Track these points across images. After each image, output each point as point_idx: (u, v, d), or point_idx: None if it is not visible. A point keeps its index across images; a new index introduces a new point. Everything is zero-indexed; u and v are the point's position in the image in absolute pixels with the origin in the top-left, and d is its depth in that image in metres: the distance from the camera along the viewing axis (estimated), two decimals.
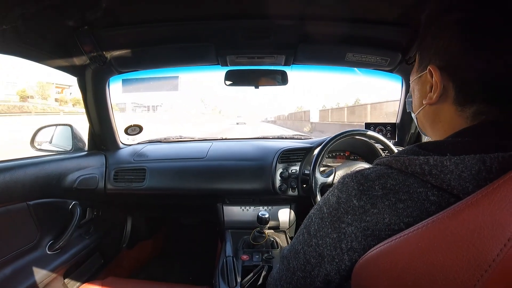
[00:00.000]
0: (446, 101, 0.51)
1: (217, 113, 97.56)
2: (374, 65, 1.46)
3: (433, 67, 0.50)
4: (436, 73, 0.50)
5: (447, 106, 0.51)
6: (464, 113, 0.49)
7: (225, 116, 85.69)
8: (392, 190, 0.45)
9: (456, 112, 0.50)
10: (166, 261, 2.19)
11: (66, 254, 1.35)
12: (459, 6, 0.48)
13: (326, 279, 0.52)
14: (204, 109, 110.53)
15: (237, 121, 46.49)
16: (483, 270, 0.30)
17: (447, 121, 0.52)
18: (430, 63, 0.52)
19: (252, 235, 1.40)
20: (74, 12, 1.04)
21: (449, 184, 0.40)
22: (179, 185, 1.57)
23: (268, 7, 1.09)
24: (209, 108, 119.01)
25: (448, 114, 0.51)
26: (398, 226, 0.44)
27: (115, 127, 1.70)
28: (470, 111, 0.48)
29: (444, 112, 0.52)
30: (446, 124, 0.52)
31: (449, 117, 0.51)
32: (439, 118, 0.53)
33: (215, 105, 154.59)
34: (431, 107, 0.54)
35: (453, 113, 0.50)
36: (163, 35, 1.30)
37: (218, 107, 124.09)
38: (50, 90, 50.75)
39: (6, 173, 1.07)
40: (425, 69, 0.53)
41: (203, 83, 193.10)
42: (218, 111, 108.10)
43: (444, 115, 0.52)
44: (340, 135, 1.35)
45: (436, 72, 0.50)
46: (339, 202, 0.50)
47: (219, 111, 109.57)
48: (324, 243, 0.51)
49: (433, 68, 0.50)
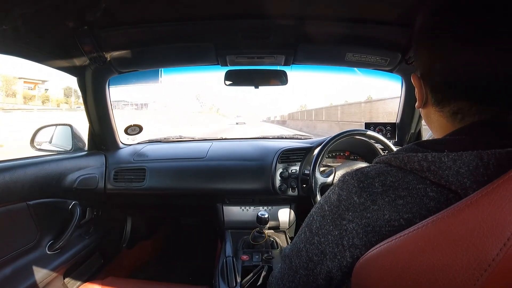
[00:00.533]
0: (428, 104, 0.55)
1: (214, 112, 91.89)
2: (374, 65, 1.47)
3: (413, 76, 0.56)
4: (415, 81, 0.56)
5: (430, 107, 0.55)
6: (443, 112, 0.52)
7: (224, 116, 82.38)
8: (392, 186, 0.46)
9: (438, 112, 0.53)
10: (166, 261, 2.18)
11: (66, 254, 1.35)
12: (422, 13, 0.53)
13: (328, 276, 0.53)
14: (200, 108, 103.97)
15: (236, 121, 44.53)
16: (483, 269, 0.30)
17: (435, 121, 0.55)
18: (412, 74, 0.57)
19: (252, 235, 1.40)
20: (74, 12, 1.04)
21: (447, 180, 0.41)
22: (179, 185, 1.57)
23: (267, 7, 1.09)
24: (206, 106, 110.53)
25: (433, 115, 0.55)
26: (398, 222, 0.44)
27: (115, 127, 1.70)
28: (446, 110, 0.51)
29: (431, 113, 0.55)
30: (435, 124, 0.55)
31: (435, 117, 0.54)
32: (430, 120, 0.57)
33: (212, 103, 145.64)
34: (423, 110, 0.58)
35: (437, 113, 0.54)
36: (162, 35, 1.30)
37: (215, 106, 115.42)
38: (16, 85, 44.81)
39: (6, 173, 1.07)
40: (415, 76, 0.57)
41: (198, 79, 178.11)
42: (215, 110, 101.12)
43: (432, 116, 0.56)
44: (340, 135, 1.36)
45: (415, 79, 0.56)
46: (340, 200, 0.51)
47: (217, 110, 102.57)
48: (326, 240, 0.52)
49: (413, 77, 0.56)
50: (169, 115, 38.74)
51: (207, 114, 75.22)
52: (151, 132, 6.44)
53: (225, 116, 79.97)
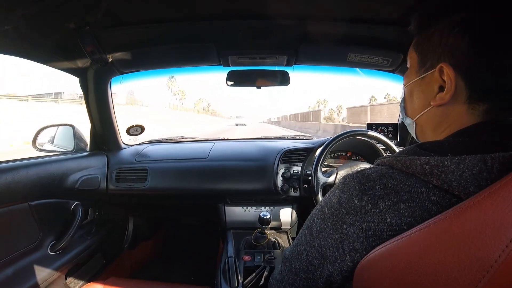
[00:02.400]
0: (457, 101, 0.49)
1: (202, 109, 77.99)
2: (376, 65, 1.46)
3: (447, 65, 0.48)
4: (451, 71, 0.48)
5: (458, 105, 0.49)
6: (475, 111, 0.48)
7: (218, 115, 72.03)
8: (393, 190, 0.45)
9: (467, 111, 0.49)
10: (168, 262, 2.18)
11: (68, 255, 1.35)
12: (465, 6, 0.48)
13: (328, 280, 0.52)
14: (178, 102, 71.25)
15: (236, 122, 42.30)
16: (485, 271, 0.30)
17: (455, 121, 0.50)
18: (439, 62, 0.50)
19: (254, 235, 1.40)
20: (76, 13, 1.04)
21: (450, 185, 0.40)
22: (181, 185, 1.58)
23: (269, 7, 1.09)
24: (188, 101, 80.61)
25: (457, 114, 0.50)
26: (399, 226, 0.44)
27: (117, 128, 1.70)
28: (481, 109, 0.48)
29: (454, 112, 0.50)
30: (453, 124, 0.50)
31: (459, 116, 0.50)
32: (447, 119, 0.51)
33: (200, 98, 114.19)
34: (439, 108, 0.52)
35: (464, 112, 0.49)
36: (164, 35, 1.31)
37: (204, 100, 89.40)
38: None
39: (8, 173, 1.08)
40: (430, 69, 0.52)
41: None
42: (204, 106, 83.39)
43: (454, 115, 0.50)
44: (342, 136, 1.35)
45: (450, 70, 0.48)
46: (341, 203, 0.50)
47: (207, 106, 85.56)
48: (327, 244, 0.51)
49: (446, 66, 0.48)
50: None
51: (190, 111, 63.80)
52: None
53: (219, 116, 70.93)
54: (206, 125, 31.54)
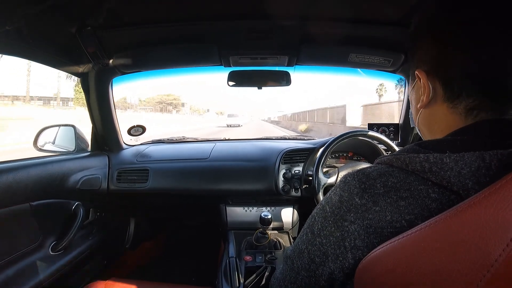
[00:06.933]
0: (436, 101, 0.52)
1: (170, 105, 65.19)
2: (377, 65, 1.46)
3: (419, 71, 0.53)
4: (422, 75, 0.52)
5: (439, 105, 0.52)
6: (456, 109, 0.50)
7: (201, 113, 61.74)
8: (393, 188, 0.46)
9: (449, 109, 0.51)
10: (169, 262, 2.19)
11: (69, 255, 1.35)
12: (429, 11, 0.52)
13: (330, 277, 0.53)
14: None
15: (228, 122, 32.45)
16: (486, 270, 0.30)
17: (442, 120, 0.52)
18: (416, 70, 0.54)
19: (255, 236, 1.40)
20: (77, 13, 1.05)
21: (449, 181, 0.41)
22: (182, 185, 1.58)
23: (270, 7, 1.09)
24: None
25: (441, 113, 0.52)
26: (399, 224, 0.44)
27: (118, 128, 1.71)
28: (461, 106, 0.49)
29: (438, 112, 0.53)
30: (442, 123, 0.53)
31: (443, 115, 0.52)
32: (434, 119, 0.54)
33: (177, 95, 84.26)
34: (426, 110, 0.55)
35: (446, 110, 0.51)
36: (166, 36, 1.31)
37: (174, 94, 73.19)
38: None
39: (9, 174, 1.08)
40: (415, 78, 0.55)
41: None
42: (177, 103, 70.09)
43: (438, 115, 0.53)
44: (343, 136, 1.35)
45: (422, 74, 0.52)
46: (342, 201, 0.51)
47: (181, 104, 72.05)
48: (328, 241, 0.52)
49: (419, 72, 0.53)
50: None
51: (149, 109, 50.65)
52: None
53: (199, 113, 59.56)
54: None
